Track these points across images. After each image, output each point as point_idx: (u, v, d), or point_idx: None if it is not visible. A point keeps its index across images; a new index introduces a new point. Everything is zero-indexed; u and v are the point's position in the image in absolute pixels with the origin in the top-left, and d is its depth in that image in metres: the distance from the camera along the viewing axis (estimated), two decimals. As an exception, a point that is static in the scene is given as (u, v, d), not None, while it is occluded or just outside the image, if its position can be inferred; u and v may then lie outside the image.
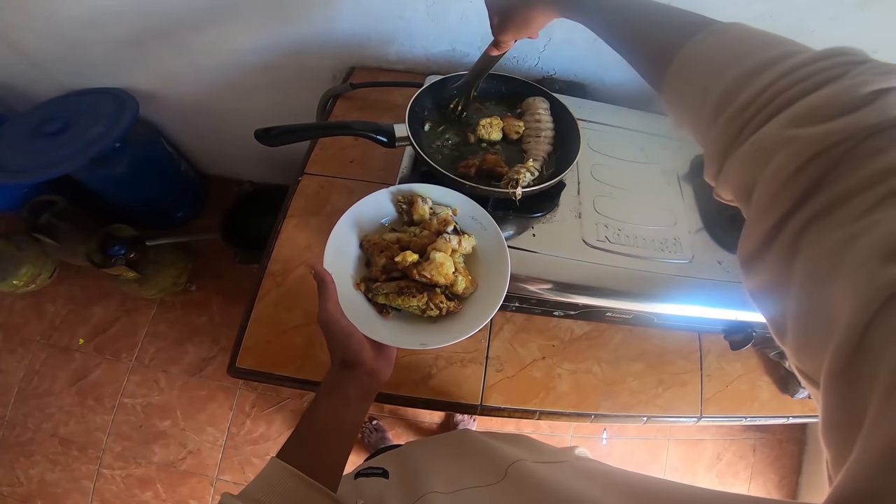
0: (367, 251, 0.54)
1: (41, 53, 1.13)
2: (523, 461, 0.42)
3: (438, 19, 0.90)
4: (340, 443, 0.44)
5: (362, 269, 0.54)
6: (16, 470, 1.44)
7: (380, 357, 0.47)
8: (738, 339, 0.71)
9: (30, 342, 1.58)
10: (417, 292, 0.49)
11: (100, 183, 1.34)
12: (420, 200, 0.55)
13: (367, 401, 0.47)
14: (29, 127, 1.15)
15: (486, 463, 0.45)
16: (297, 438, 0.43)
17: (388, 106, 0.94)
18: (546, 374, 0.73)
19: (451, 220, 0.54)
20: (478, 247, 0.55)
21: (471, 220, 0.56)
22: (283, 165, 1.49)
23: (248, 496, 0.37)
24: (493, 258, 0.53)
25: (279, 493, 0.38)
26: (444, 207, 0.57)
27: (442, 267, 0.49)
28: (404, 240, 0.53)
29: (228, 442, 1.50)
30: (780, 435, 1.70)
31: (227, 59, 1.08)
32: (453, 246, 0.51)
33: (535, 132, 0.68)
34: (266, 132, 0.58)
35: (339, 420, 0.44)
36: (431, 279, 0.49)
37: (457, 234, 0.53)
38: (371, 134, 0.61)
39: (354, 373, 0.45)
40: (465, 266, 0.53)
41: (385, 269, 0.51)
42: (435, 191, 0.57)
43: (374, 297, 0.51)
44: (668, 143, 0.78)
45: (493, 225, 0.55)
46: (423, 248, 0.52)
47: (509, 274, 0.51)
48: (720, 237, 0.69)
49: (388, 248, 0.52)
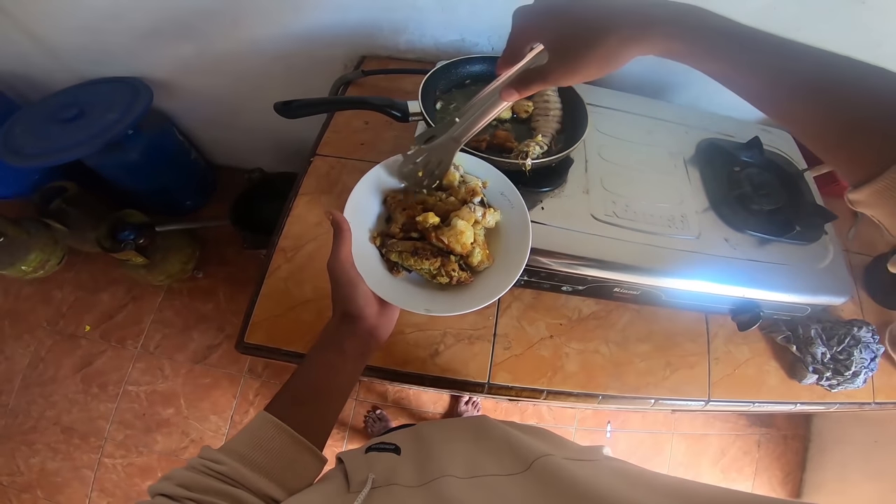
0: (390, 207, 0.53)
1: (61, 44, 1.15)
2: (552, 456, 0.39)
3: (449, 9, 0.92)
4: (332, 400, 0.43)
5: (381, 225, 0.53)
6: (16, 458, 1.44)
7: (382, 315, 0.46)
8: (745, 320, 0.71)
9: (36, 329, 1.59)
10: (432, 256, 0.49)
11: (112, 169, 1.36)
12: (452, 166, 0.54)
13: (363, 360, 0.46)
14: (45, 113, 1.17)
15: (508, 451, 0.42)
16: (287, 392, 0.41)
17: (398, 93, 0.96)
18: (554, 353, 0.73)
19: (479, 191, 0.53)
20: (501, 223, 0.54)
21: (499, 196, 0.55)
22: (292, 154, 1.50)
23: (231, 451, 0.35)
24: (515, 237, 0.52)
25: (266, 450, 0.36)
26: (475, 178, 0.56)
27: (462, 235, 0.49)
28: (429, 202, 0.53)
29: (231, 430, 1.50)
30: (785, 431, 1.70)
31: (241, 48, 1.10)
32: (477, 217, 0.51)
33: (543, 111, 0.70)
34: (286, 104, 0.60)
35: (333, 376, 0.43)
36: (448, 245, 0.49)
37: (483, 206, 0.53)
38: (387, 108, 0.63)
39: (354, 327, 0.44)
40: (484, 240, 0.53)
41: (404, 227, 0.51)
42: (468, 160, 0.56)
43: (388, 253, 0.50)
44: (674, 128, 0.80)
45: (521, 203, 0.53)
46: (447, 213, 0.51)
47: (528, 256, 0.50)
48: (727, 216, 0.70)
49: (412, 207, 0.52)
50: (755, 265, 0.67)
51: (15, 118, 1.18)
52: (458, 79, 0.76)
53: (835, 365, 0.75)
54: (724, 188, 0.73)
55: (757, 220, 0.70)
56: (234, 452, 0.35)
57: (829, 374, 0.75)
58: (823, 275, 0.68)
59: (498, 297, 0.47)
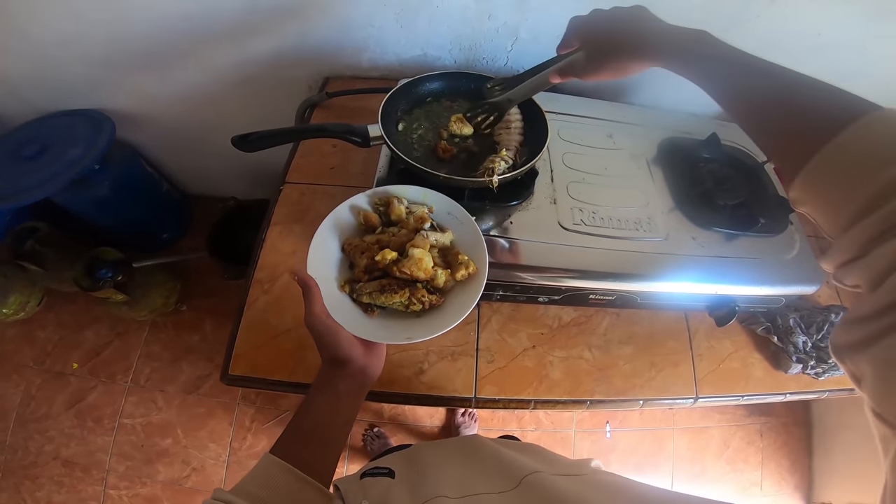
0: (349, 253, 0.55)
1: (13, 75, 1.12)
2: (541, 472, 0.42)
3: (408, 25, 0.91)
4: (333, 438, 0.45)
5: (345, 272, 0.55)
6: (21, 493, 1.43)
7: (369, 354, 0.48)
8: (722, 315, 0.72)
9: (23, 368, 1.57)
10: (399, 289, 0.50)
11: (82, 206, 1.33)
12: (396, 201, 0.57)
13: (359, 397, 0.48)
14: (6, 152, 1.14)
15: (498, 470, 0.44)
16: (290, 434, 0.43)
17: (365, 112, 0.95)
18: (538, 363, 0.74)
19: (427, 218, 0.55)
20: (456, 240, 0.56)
21: (447, 216, 0.58)
22: (266, 179, 1.48)
23: (240, 490, 0.37)
24: (471, 250, 0.54)
25: (272, 488, 0.38)
26: (420, 206, 0.58)
27: (421, 262, 0.50)
28: (384, 240, 0.54)
29: (231, 457, 1.49)
30: (786, 418, 1.71)
31: (202, 75, 1.09)
32: (431, 241, 0.53)
33: (505, 125, 0.70)
34: (243, 138, 0.59)
35: (331, 416, 0.45)
36: (412, 275, 0.50)
37: (434, 230, 0.55)
38: (346, 135, 0.63)
39: (344, 370, 0.46)
40: (443, 260, 0.55)
41: (367, 269, 0.52)
42: (410, 190, 0.59)
43: (359, 297, 0.52)
44: (634, 130, 0.81)
45: (469, 218, 0.56)
46: (403, 246, 0.53)
47: (487, 264, 0.52)
48: (692, 215, 0.71)
49: (369, 249, 0.53)
50: (724, 261, 0.68)
51: (-25, 157, 1.14)
52: (418, 97, 0.75)
53: (817, 353, 0.76)
54: (687, 186, 0.73)
55: (722, 217, 0.71)
56: (245, 492, 0.37)
57: (814, 362, 0.75)
58: (793, 265, 0.69)
59: (470, 310, 0.49)
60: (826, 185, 0.32)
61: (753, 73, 0.39)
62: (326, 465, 0.43)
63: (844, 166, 0.31)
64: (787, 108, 0.36)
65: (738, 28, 0.83)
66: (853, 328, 0.28)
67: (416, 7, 0.87)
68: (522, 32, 0.91)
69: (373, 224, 0.57)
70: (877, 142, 0.30)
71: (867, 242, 0.28)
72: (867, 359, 0.26)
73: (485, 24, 0.89)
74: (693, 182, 0.74)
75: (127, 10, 0.92)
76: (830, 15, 0.80)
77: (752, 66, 0.40)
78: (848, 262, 0.30)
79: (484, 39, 0.93)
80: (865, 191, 0.29)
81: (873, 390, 0.26)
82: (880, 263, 0.27)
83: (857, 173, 0.30)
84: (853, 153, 0.30)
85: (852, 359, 0.28)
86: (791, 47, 0.85)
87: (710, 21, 0.64)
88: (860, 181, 0.29)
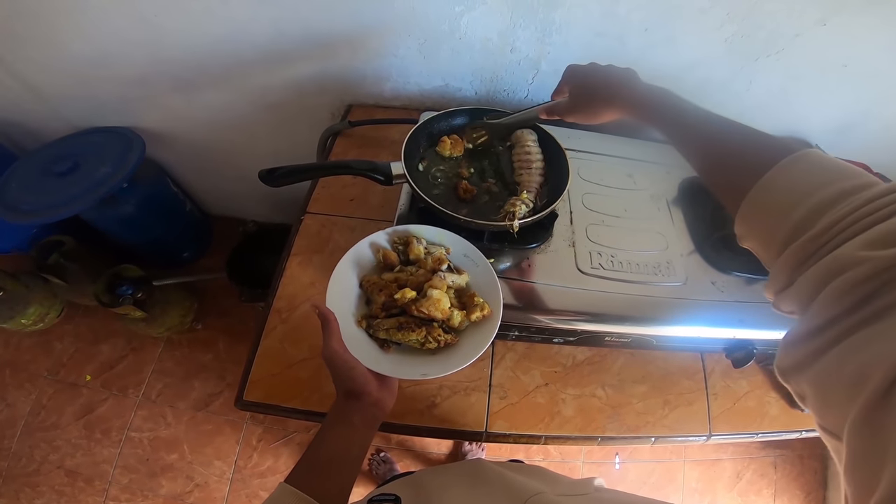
0: (367, 290, 0.56)
1: (52, 91, 1.17)
2: (544, 494, 0.42)
3: (430, 56, 0.94)
4: (347, 469, 0.45)
5: (363, 307, 0.56)
6: (20, 500, 1.43)
7: (383, 388, 0.49)
8: (739, 357, 0.72)
9: (37, 378, 1.59)
10: (416, 327, 0.52)
11: (107, 223, 1.37)
12: (415, 241, 0.58)
13: (373, 429, 0.49)
14: (39, 166, 1.17)
15: (503, 493, 0.45)
16: (305, 464, 0.44)
17: (385, 142, 0.98)
18: (550, 400, 0.73)
19: (444, 259, 0.57)
20: (471, 282, 0.58)
21: (463, 258, 0.59)
22: (286, 204, 1.51)
23: None
24: (487, 292, 0.56)
25: None
26: (438, 247, 0.60)
27: (439, 303, 0.52)
28: (402, 278, 0.56)
29: (236, 475, 1.48)
30: (801, 451, 1.66)
31: (229, 99, 1.13)
32: (448, 283, 0.54)
33: (525, 164, 0.71)
34: (270, 173, 0.61)
35: (345, 447, 0.45)
36: (429, 314, 0.52)
37: (451, 271, 0.56)
38: (369, 173, 0.64)
39: (359, 403, 0.47)
40: (459, 301, 0.56)
41: (385, 306, 0.54)
42: (428, 231, 0.60)
43: (375, 332, 0.53)
44: (655, 169, 0.81)
45: (485, 261, 0.58)
46: (420, 285, 0.54)
47: (502, 306, 0.53)
48: (712, 258, 0.70)
49: (387, 287, 0.55)
50: (744, 306, 0.67)
51: (10, 172, 1.18)
52: (440, 133, 0.76)
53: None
54: (707, 229, 0.73)
55: (742, 261, 0.71)
56: None
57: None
58: (812, 311, 0.68)
59: (484, 349, 0.51)
60: (758, 220, 0.36)
61: (701, 125, 0.45)
62: (340, 495, 0.44)
63: (771, 201, 0.34)
64: (727, 153, 0.41)
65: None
66: (791, 351, 0.29)
67: (439, 38, 0.90)
68: (544, 65, 0.93)
69: (391, 262, 0.58)
70: (798, 178, 0.33)
71: (793, 270, 0.30)
72: (806, 379, 0.28)
73: (507, 56, 0.91)
74: (714, 225, 0.74)
75: (164, 33, 0.96)
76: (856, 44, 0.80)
77: (703, 120, 0.45)
78: (781, 291, 0.32)
79: (505, 72, 0.95)
80: (788, 222, 0.31)
81: (815, 406, 0.27)
82: (805, 289, 0.29)
83: (781, 207, 0.33)
84: (778, 189, 0.34)
85: (795, 380, 0.29)
86: (816, 77, 0.83)
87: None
88: (784, 214, 0.32)
